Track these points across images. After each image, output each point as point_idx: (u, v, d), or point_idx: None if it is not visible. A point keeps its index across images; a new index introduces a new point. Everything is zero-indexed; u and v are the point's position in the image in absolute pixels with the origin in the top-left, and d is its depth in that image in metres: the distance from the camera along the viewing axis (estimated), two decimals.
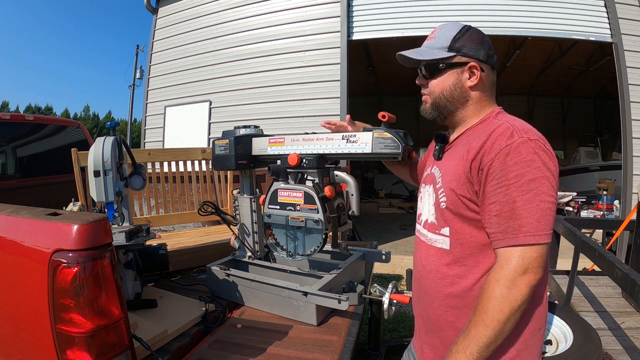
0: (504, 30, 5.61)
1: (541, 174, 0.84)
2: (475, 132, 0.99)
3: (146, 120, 7.57)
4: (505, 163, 0.86)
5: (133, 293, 1.51)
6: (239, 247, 1.84)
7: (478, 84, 1.01)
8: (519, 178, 0.84)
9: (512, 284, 0.83)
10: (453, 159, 1.01)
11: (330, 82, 5.88)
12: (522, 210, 0.84)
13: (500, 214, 0.86)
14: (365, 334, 2.44)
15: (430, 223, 1.04)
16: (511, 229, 0.85)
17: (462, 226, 0.96)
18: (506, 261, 0.85)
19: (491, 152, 0.89)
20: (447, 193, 0.98)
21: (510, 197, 0.85)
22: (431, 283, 1.03)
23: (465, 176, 0.94)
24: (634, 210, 3.50)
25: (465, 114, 1.05)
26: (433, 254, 1.03)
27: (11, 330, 1.07)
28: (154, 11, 7.56)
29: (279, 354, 1.28)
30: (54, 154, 4.04)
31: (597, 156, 10.54)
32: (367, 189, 12.20)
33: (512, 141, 0.87)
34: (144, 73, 10.25)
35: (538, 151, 0.86)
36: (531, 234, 0.83)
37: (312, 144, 1.52)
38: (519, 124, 0.93)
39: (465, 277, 0.95)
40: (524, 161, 0.85)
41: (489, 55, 1.02)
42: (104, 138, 1.46)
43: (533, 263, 0.83)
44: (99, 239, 0.93)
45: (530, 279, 0.83)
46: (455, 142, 1.06)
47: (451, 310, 0.98)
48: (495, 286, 0.84)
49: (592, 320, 2.18)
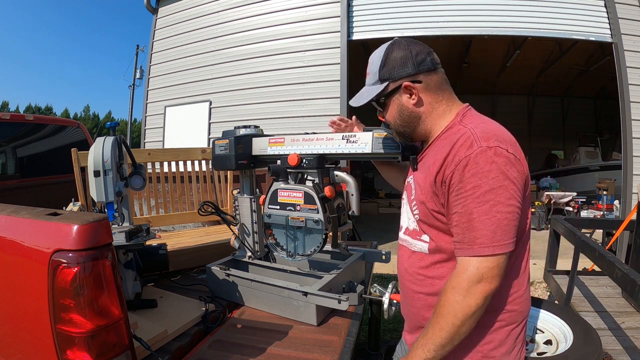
0: (504, 30, 5.61)
1: (498, 183, 0.85)
2: (442, 142, 0.99)
3: (146, 120, 7.57)
4: (463, 175, 0.88)
5: (133, 293, 1.51)
6: (239, 247, 1.84)
7: (420, 98, 1.01)
8: (476, 190, 0.86)
9: (467, 292, 0.86)
10: (423, 170, 1.03)
11: (330, 82, 5.89)
12: (477, 222, 0.86)
13: (459, 225, 0.89)
14: (365, 334, 2.44)
15: (411, 230, 1.07)
16: (467, 240, 0.88)
17: (438, 234, 0.99)
18: (463, 270, 0.88)
19: (452, 164, 0.90)
20: (419, 206, 1.01)
21: (467, 208, 0.87)
22: (413, 285, 1.06)
23: (431, 189, 0.96)
24: (634, 210, 3.50)
25: (426, 128, 1.05)
26: (414, 258, 1.06)
27: (11, 330, 1.07)
28: (154, 11, 7.56)
29: (279, 354, 1.28)
30: (54, 154, 4.04)
31: (597, 156, 10.53)
32: (367, 189, 12.20)
33: (470, 152, 0.87)
34: (144, 73, 10.25)
35: (496, 159, 0.86)
36: (486, 245, 0.86)
37: (312, 144, 1.52)
38: (481, 129, 0.91)
39: (443, 278, 0.98)
40: (481, 172, 0.86)
41: (419, 63, 0.99)
42: (104, 138, 1.46)
43: (488, 273, 0.86)
44: (99, 239, 0.93)
45: (485, 288, 0.86)
46: (426, 151, 1.07)
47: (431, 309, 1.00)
48: (452, 293, 0.88)
49: (592, 320, 2.18)
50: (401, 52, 1.01)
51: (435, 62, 1.02)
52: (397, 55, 1.01)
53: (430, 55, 1.01)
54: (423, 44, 1.04)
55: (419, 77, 1.00)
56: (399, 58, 1.00)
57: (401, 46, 1.02)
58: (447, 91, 1.04)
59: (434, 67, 1.01)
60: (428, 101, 1.02)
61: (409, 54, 1.00)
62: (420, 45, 1.02)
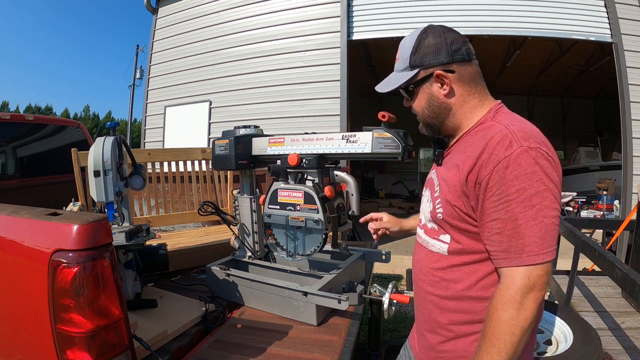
0: (504, 30, 5.61)
1: (544, 186, 0.80)
2: (472, 137, 0.94)
3: (146, 120, 7.57)
4: (504, 177, 0.81)
5: (133, 293, 1.51)
6: (239, 247, 1.84)
7: (452, 89, 0.95)
8: (521, 193, 0.80)
9: (520, 305, 0.79)
10: (450, 167, 0.97)
11: (330, 82, 5.88)
12: (525, 228, 0.80)
13: (502, 232, 0.82)
14: (365, 334, 2.44)
15: (430, 228, 1.02)
16: (514, 249, 0.81)
17: (460, 236, 0.93)
18: (511, 281, 0.81)
19: (488, 164, 0.83)
20: (444, 205, 0.95)
21: (512, 214, 0.81)
22: (426, 286, 1.02)
23: (461, 189, 0.90)
24: (634, 210, 3.50)
25: (456, 121, 0.99)
26: (430, 258, 1.01)
27: (11, 330, 1.07)
28: (154, 11, 7.56)
29: (279, 354, 1.28)
30: (54, 154, 4.04)
31: (597, 156, 10.54)
32: (367, 189, 12.19)
33: (510, 152, 0.81)
34: (144, 73, 10.26)
35: (540, 161, 0.80)
36: (535, 253, 0.80)
37: (312, 144, 1.52)
38: (518, 128, 0.86)
39: (460, 282, 0.94)
40: (525, 174, 0.80)
41: (453, 52, 0.93)
42: (104, 138, 1.46)
43: (538, 281, 0.80)
44: (99, 239, 0.93)
45: (537, 297, 0.80)
46: (454, 147, 1.01)
47: (446, 313, 0.97)
48: (504, 309, 0.80)
49: (592, 320, 2.18)
50: (435, 39, 0.94)
51: (471, 53, 0.96)
52: (431, 42, 0.94)
53: (465, 44, 0.95)
54: (458, 33, 0.97)
55: (452, 67, 0.94)
56: (433, 45, 0.94)
57: (436, 33, 0.95)
58: (480, 85, 0.98)
59: (469, 58, 0.95)
60: (460, 93, 0.96)
61: (444, 41, 0.94)
62: (456, 34, 0.96)
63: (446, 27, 0.97)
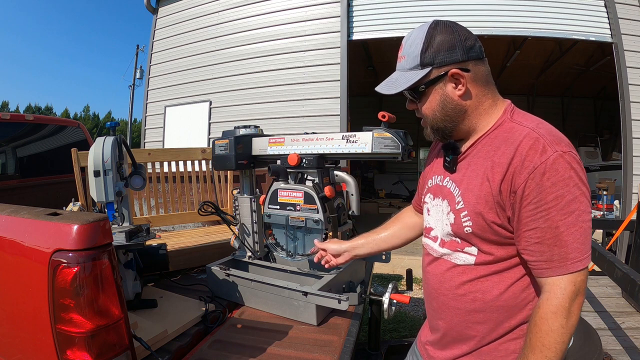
0: (504, 30, 5.61)
1: (579, 191, 0.78)
2: (494, 141, 0.88)
3: (146, 120, 7.57)
4: (542, 184, 0.78)
5: (133, 293, 1.51)
6: (239, 247, 1.84)
7: (468, 89, 0.89)
8: (559, 200, 0.77)
9: (569, 312, 0.79)
10: (474, 175, 0.89)
11: (330, 82, 5.88)
12: (566, 235, 0.78)
13: (543, 241, 0.80)
14: (365, 334, 2.43)
15: (448, 241, 0.95)
16: (557, 257, 0.79)
17: (490, 247, 0.88)
18: (559, 290, 0.79)
19: (522, 171, 0.80)
20: (474, 218, 0.88)
21: (552, 222, 0.78)
22: (451, 301, 0.96)
23: (493, 200, 0.84)
24: (634, 210, 3.50)
25: (471, 124, 0.92)
26: (454, 271, 0.95)
27: (11, 330, 1.07)
28: (154, 11, 7.56)
29: (279, 354, 1.28)
30: (54, 154, 4.04)
31: (597, 156, 10.54)
32: (367, 189, 12.19)
33: (546, 157, 0.78)
34: (144, 73, 10.26)
35: (574, 165, 0.79)
36: (578, 259, 0.78)
37: (312, 144, 1.52)
38: (546, 130, 0.82)
39: (489, 292, 0.90)
40: (562, 180, 0.77)
41: (468, 49, 0.87)
42: (104, 138, 1.46)
43: (582, 286, 0.80)
44: (98, 239, 0.93)
45: (581, 302, 0.80)
46: (470, 152, 0.93)
47: (474, 325, 0.93)
48: (554, 319, 0.79)
49: (592, 320, 2.18)
50: (448, 35, 0.87)
51: (483, 51, 0.90)
52: (444, 38, 0.87)
53: (478, 41, 0.89)
54: (467, 28, 0.90)
55: (468, 65, 0.87)
56: (446, 41, 0.86)
57: (446, 28, 0.88)
58: (492, 84, 0.92)
59: (483, 56, 0.90)
60: (475, 93, 0.89)
61: (457, 37, 0.87)
62: (466, 30, 0.90)
63: (454, 22, 0.91)
